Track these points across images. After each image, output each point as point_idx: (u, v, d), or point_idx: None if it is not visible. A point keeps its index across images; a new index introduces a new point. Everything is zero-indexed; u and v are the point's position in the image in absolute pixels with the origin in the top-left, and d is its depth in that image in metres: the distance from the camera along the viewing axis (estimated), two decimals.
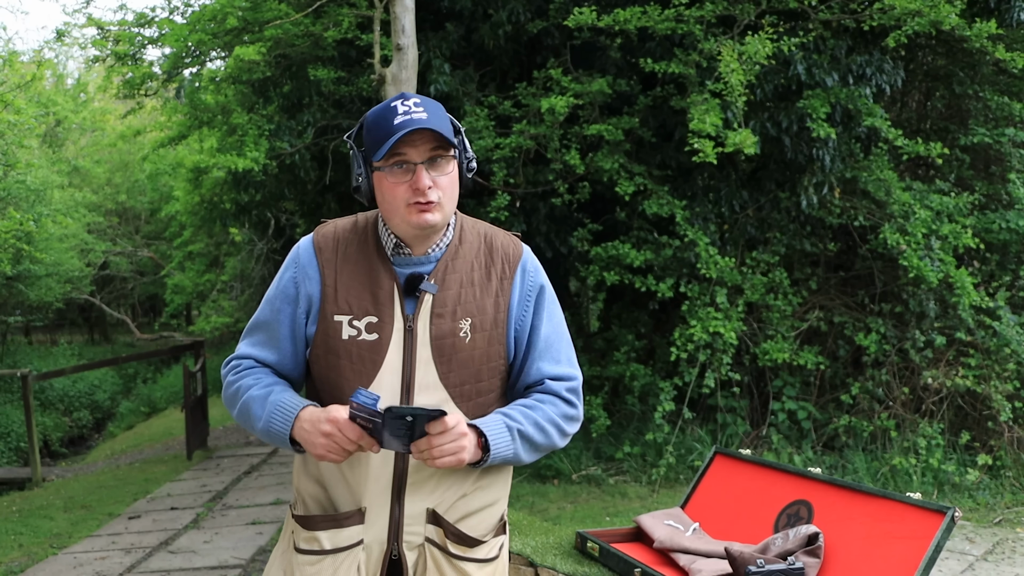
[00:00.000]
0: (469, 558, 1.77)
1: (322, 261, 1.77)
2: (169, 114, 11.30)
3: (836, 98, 6.53)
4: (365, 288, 1.75)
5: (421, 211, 1.69)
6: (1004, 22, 6.77)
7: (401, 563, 1.76)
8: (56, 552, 6.09)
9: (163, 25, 8.58)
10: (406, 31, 5.69)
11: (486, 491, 1.81)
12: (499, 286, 1.79)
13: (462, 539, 1.77)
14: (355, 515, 1.74)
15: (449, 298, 1.75)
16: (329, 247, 1.79)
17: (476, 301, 1.76)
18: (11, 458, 12.32)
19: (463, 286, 1.76)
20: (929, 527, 2.18)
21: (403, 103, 1.68)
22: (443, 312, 1.74)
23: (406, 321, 1.73)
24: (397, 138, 1.64)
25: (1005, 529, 5.47)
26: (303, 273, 1.78)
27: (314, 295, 1.77)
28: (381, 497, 1.73)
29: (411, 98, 1.69)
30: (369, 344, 1.72)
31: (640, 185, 6.92)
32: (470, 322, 1.75)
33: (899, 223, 6.59)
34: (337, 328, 1.74)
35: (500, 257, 1.81)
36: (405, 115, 1.66)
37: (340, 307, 1.74)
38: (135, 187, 20.58)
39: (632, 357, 7.40)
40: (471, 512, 1.79)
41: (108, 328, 24.23)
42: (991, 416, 6.44)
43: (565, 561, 2.79)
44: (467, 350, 1.74)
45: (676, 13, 6.43)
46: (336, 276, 1.76)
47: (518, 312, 1.80)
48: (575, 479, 7.09)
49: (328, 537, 1.74)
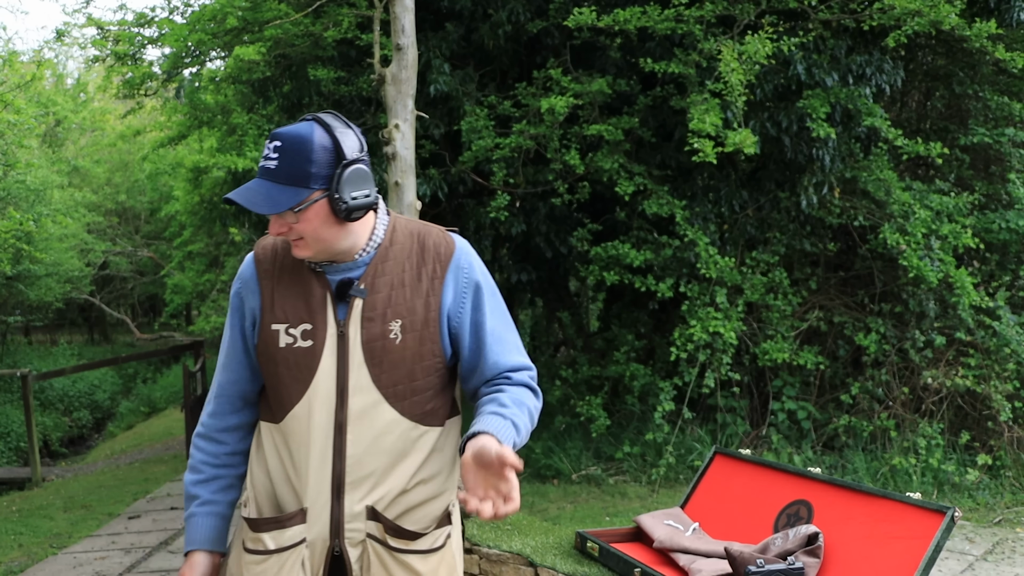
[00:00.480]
0: (410, 550, 1.82)
1: (261, 273, 1.85)
2: (169, 114, 11.31)
3: (836, 98, 6.53)
4: (299, 296, 1.81)
5: (295, 247, 1.78)
6: (1004, 22, 6.77)
7: (343, 559, 1.82)
8: (56, 552, 6.09)
9: (163, 25, 8.58)
10: (406, 31, 5.68)
11: (427, 485, 1.85)
12: (430, 286, 1.83)
13: (401, 533, 1.81)
14: (298, 515, 1.80)
15: (379, 301, 1.80)
16: (268, 259, 1.86)
17: (407, 302, 1.81)
18: (11, 458, 12.32)
19: (394, 288, 1.81)
20: (929, 527, 2.18)
21: (268, 145, 1.73)
22: (373, 315, 1.79)
23: (338, 326, 1.79)
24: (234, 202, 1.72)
25: (1005, 529, 5.47)
26: (246, 287, 1.87)
27: (255, 307, 1.85)
28: (322, 497, 1.79)
29: (275, 140, 1.72)
30: (304, 351, 1.79)
31: (640, 185, 6.92)
32: (400, 323, 1.80)
33: (899, 223, 6.59)
34: (275, 336, 1.81)
35: (431, 256, 1.84)
36: (264, 160, 1.73)
37: (277, 316, 1.81)
38: (135, 187, 20.58)
39: (632, 357, 7.40)
40: (412, 507, 1.83)
41: (108, 328, 24.23)
42: (991, 416, 6.44)
43: (565, 561, 2.79)
44: (398, 351, 1.79)
45: (676, 13, 6.43)
46: (274, 286, 1.83)
47: (453, 310, 1.84)
48: (575, 479, 7.09)
49: (272, 537, 1.81)
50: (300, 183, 1.70)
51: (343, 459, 1.78)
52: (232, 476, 1.93)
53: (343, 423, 1.78)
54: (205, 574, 1.87)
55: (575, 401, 7.37)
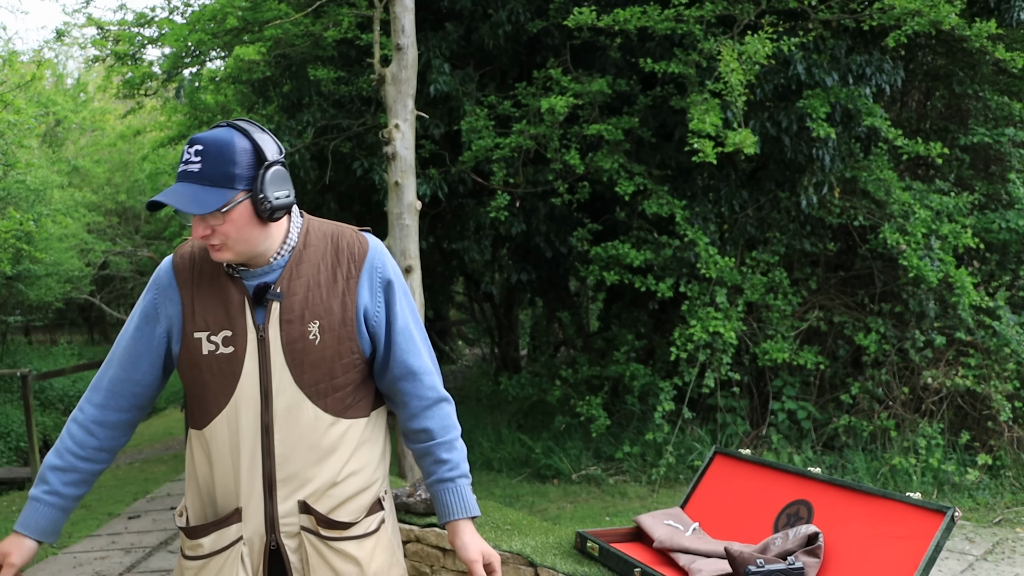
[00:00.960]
0: (344, 537, 1.88)
1: (180, 282, 1.87)
2: (169, 114, 11.31)
3: (836, 98, 6.53)
4: (219, 303, 1.84)
5: (214, 251, 1.80)
6: (1004, 22, 6.77)
7: (280, 552, 1.86)
8: (56, 552, 6.09)
9: (163, 25, 8.58)
10: (406, 31, 5.68)
11: (357, 476, 1.91)
12: (345, 285, 1.87)
13: (332, 525, 1.87)
14: (233, 515, 1.85)
15: (296, 303, 1.84)
16: (186, 267, 1.88)
17: (323, 303, 1.85)
18: (11, 458, 12.32)
19: (310, 289, 1.85)
20: (929, 527, 2.18)
21: (187, 149, 1.75)
22: (292, 318, 1.84)
23: (258, 331, 1.83)
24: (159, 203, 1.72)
25: (1005, 529, 5.47)
26: (164, 295, 1.89)
27: (174, 315, 1.87)
28: (255, 495, 1.84)
29: (196, 144, 1.75)
30: (227, 357, 1.83)
31: (640, 185, 6.92)
32: (319, 324, 1.84)
33: (899, 223, 6.58)
34: (197, 345, 1.84)
35: (346, 256, 1.89)
36: (183, 164, 1.75)
37: (198, 324, 1.84)
38: (135, 187, 20.55)
39: (632, 357, 7.39)
40: (344, 499, 1.89)
41: (108, 328, 24.22)
42: (991, 416, 6.44)
43: (565, 561, 2.79)
44: (318, 351, 1.84)
45: (676, 13, 6.43)
46: (193, 295, 1.86)
47: (370, 308, 1.90)
48: (575, 479, 7.09)
49: (210, 541, 1.85)
50: (225, 184, 1.74)
51: (272, 458, 1.83)
52: (89, 472, 1.94)
53: (269, 424, 1.82)
54: (27, 559, 1.89)
55: (575, 401, 7.37)
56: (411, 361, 1.94)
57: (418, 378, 1.95)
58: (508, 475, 7.45)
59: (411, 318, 1.97)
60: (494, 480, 7.34)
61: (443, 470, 1.95)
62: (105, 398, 1.92)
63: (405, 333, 1.94)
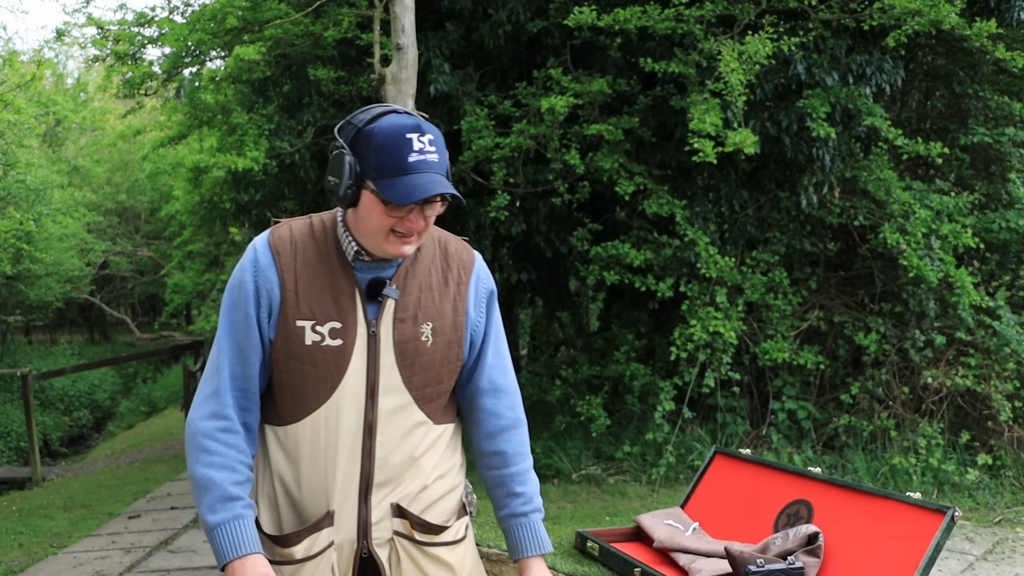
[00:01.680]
0: (438, 543, 1.84)
1: (280, 265, 1.76)
2: (169, 114, 11.29)
3: (836, 98, 6.53)
4: (327, 293, 1.75)
5: (402, 243, 1.71)
6: (1004, 21, 6.77)
7: (372, 560, 1.80)
8: (56, 551, 6.09)
9: (163, 25, 8.58)
10: (406, 31, 5.68)
11: (445, 479, 1.88)
12: (456, 291, 1.84)
13: (427, 527, 1.83)
14: (325, 519, 1.77)
15: (410, 303, 1.78)
16: (287, 251, 1.77)
17: (436, 305, 1.81)
18: (11, 457, 12.32)
19: (423, 291, 1.80)
20: (929, 527, 2.18)
21: (418, 138, 1.66)
22: (405, 317, 1.77)
23: (369, 326, 1.75)
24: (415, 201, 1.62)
25: (1005, 529, 5.47)
26: (263, 275, 1.76)
27: (275, 298, 1.75)
28: (349, 499, 1.77)
29: (426, 133, 1.67)
30: (333, 350, 1.74)
31: (640, 185, 6.92)
32: (431, 326, 1.79)
33: (899, 223, 6.58)
34: (300, 333, 1.74)
35: (455, 263, 1.86)
36: (419, 155, 1.65)
37: (302, 312, 1.74)
38: (135, 186, 20.57)
39: (632, 357, 7.40)
40: (433, 501, 1.85)
41: (108, 328, 24.23)
42: (991, 416, 6.44)
43: (565, 560, 2.79)
44: (429, 353, 1.79)
45: (676, 13, 6.43)
46: (296, 280, 1.75)
47: (474, 316, 1.86)
48: (575, 479, 7.09)
49: (302, 548, 1.76)
50: (451, 187, 1.68)
51: (372, 460, 1.76)
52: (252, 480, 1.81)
53: (373, 424, 1.76)
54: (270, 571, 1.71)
55: (575, 401, 7.37)
56: (497, 377, 1.90)
57: (500, 396, 1.91)
58: None
59: (501, 332, 1.93)
60: None
61: (517, 504, 1.90)
62: (238, 399, 1.77)
63: (497, 348, 1.91)
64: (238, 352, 1.77)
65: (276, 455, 1.80)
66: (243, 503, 1.72)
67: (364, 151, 1.67)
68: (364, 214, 1.71)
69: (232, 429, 1.75)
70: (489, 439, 1.91)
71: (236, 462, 1.74)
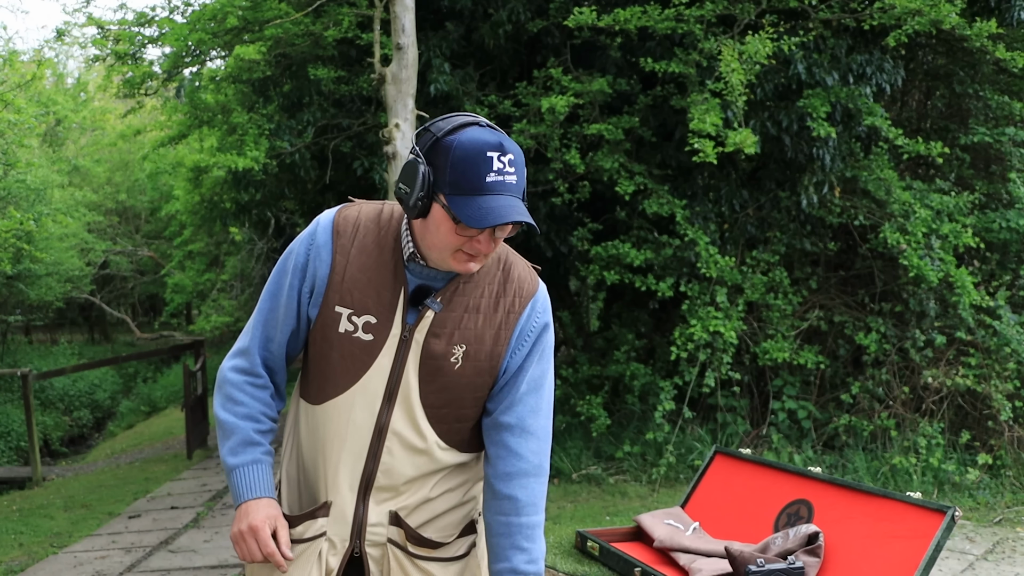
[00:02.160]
0: (432, 557, 1.79)
1: (337, 245, 1.72)
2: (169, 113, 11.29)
3: (836, 97, 6.53)
4: (371, 285, 1.71)
5: (468, 260, 1.65)
6: (1004, 21, 6.77)
7: (362, 560, 1.78)
8: (56, 551, 6.09)
9: (163, 24, 8.58)
10: (406, 30, 5.68)
11: (453, 494, 1.82)
12: (504, 319, 1.75)
13: (422, 541, 1.78)
14: (321, 508, 1.77)
15: (450, 320, 1.72)
16: (348, 232, 1.74)
17: (476, 329, 1.73)
18: (11, 457, 12.32)
19: (468, 311, 1.73)
20: (929, 526, 2.18)
21: (499, 157, 1.59)
22: (440, 333, 1.71)
23: (404, 330, 1.71)
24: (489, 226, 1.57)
25: (1005, 528, 5.47)
26: (317, 251, 1.73)
27: (321, 276, 1.73)
28: (347, 494, 1.75)
29: (507, 152, 1.59)
30: (363, 343, 1.71)
31: (640, 184, 6.92)
32: (464, 349, 1.72)
33: (899, 222, 6.58)
34: (336, 319, 1.72)
35: (514, 288, 1.76)
36: (498, 176, 1.58)
37: (343, 298, 1.71)
38: (135, 186, 20.57)
39: (632, 356, 7.39)
40: (436, 515, 1.80)
41: (108, 327, 24.23)
42: (991, 415, 6.44)
43: (565, 560, 2.79)
44: (454, 376, 1.73)
45: (676, 12, 6.43)
46: (346, 264, 1.72)
47: (514, 346, 1.76)
48: (575, 478, 7.09)
49: (296, 532, 1.77)
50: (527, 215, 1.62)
51: (377, 462, 1.73)
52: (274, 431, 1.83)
53: (385, 427, 1.72)
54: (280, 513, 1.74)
55: (575, 400, 7.37)
56: (529, 420, 1.77)
57: (528, 439, 1.76)
58: None
59: (548, 377, 1.81)
60: None
61: (521, 560, 1.74)
62: (267, 358, 1.79)
63: (538, 387, 1.78)
64: (273, 317, 1.78)
65: (303, 431, 1.82)
66: (263, 449, 1.76)
67: (441, 163, 1.60)
68: (432, 228, 1.64)
69: (260, 384, 1.78)
70: (504, 480, 1.76)
71: (260, 413, 1.78)
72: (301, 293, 1.75)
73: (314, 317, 1.75)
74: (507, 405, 1.77)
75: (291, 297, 1.75)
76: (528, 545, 1.75)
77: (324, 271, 1.72)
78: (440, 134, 1.62)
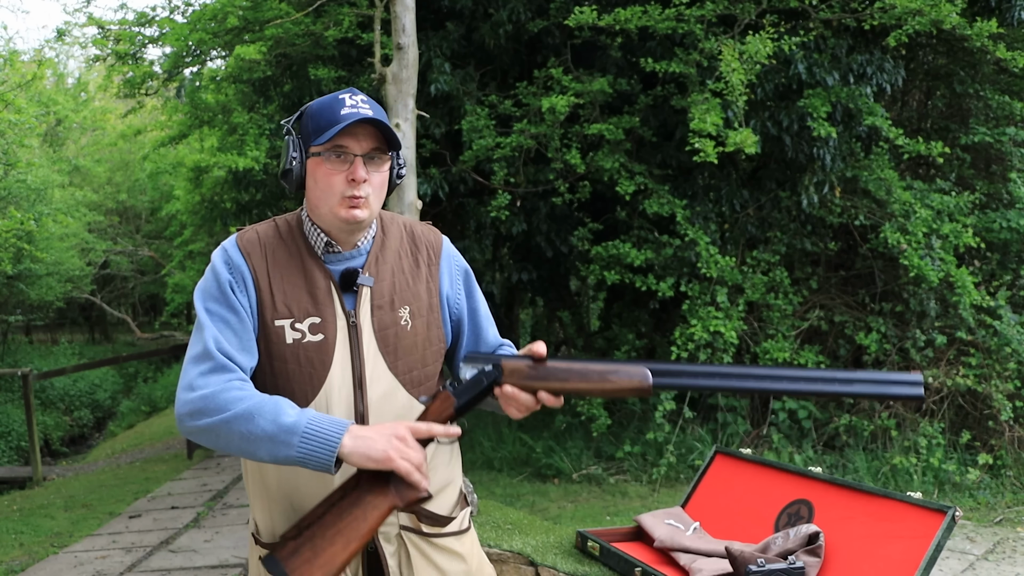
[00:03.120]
0: (445, 533, 1.82)
1: (253, 264, 1.74)
2: (170, 113, 11.30)
3: (837, 97, 6.53)
4: (302, 289, 1.74)
5: (351, 206, 1.71)
6: (1005, 21, 6.77)
7: (379, 556, 1.77)
8: (57, 551, 6.10)
9: (164, 24, 8.58)
10: (406, 30, 5.68)
11: (444, 469, 1.86)
12: (428, 272, 1.85)
13: (433, 519, 1.80)
14: None
15: (385, 289, 1.79)
16: (257, 252, 1.75)
17: (411, 288, 1.82)
18: (12, 457, 12.32)
19: (395, 275, 1.81)
20: (930, 526, 2.18)
21: (351, 97, 1.72)
22: (382, 303, 1.77)
23: (348, 317, 1.75)
24: (344, 125, 1.66)
25: (1006, 528, 5.47)
26: (238, 272, 1.73)
27: (251, 297, 1.72)
28: None
29: (358, 94, 1.74)
30: (315, 345, 1.72)
31: (640, 184, 6.92)
32: (408, 309, 1.80)
33: (900, 222, 6.58)
34: (280, 333, 1.71)
35: (424, 245, 1.88)
36: (352, 108, 1.70)
37: (279, 311, 1.72)
38: (136, 186, 20.56)
39: (633, 356, 7.40)
40: (436, 491, 1.82)
41: (109, 327, 24.23)
42: (992, 415, 6.44)
43: (566, 560, 2.79)
44: (410, 337, 1.79)
45: (677, 12, 6.43)
46: (269, 280, 1.74)
47: (451, 297, 1.88)
48: (575, 478, 7.09)
49: None
50: (392, 134, 1.74)
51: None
52: None
53: (364, 415, 1.72)
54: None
55: (575, 400, 7.37)
56: (491, 339, 1.95)
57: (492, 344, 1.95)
58: (509, 474, 7.45)
59: (483, 300, 1.97)
60: (495, 479, 7.34)
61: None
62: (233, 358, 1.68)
63: (487, 316, 1.95)
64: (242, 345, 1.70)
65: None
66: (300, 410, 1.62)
67: (303, 124, 1.75)
68: (312, 184, 1.74)
69: (243, 378, 1.67)
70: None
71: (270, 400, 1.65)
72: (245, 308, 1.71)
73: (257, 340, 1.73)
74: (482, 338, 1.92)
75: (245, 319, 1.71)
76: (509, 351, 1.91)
77: (252, 291, 1.73)
78: (301, 110, 1.78)
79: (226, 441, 1.61)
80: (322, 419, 1.59)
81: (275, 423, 1.57)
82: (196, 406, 1.62)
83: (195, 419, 1.62)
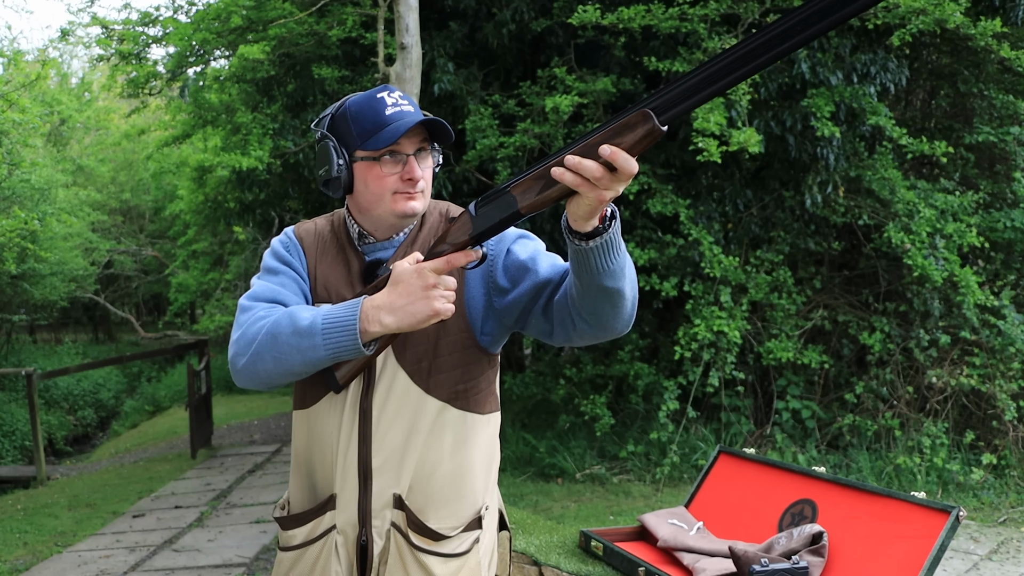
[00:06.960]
0: (432, 551, 1.74)
1: (305, 247, 1.84)
2: (173, 113, 11.32)
3: (840, 97, 6.52)
4: (343, 278, 1.80)
5: (408, 199, 1.72)
6: (1009, 20, 6.76)
7: (368, 549, 1.77)
8: (60, 550, 6.11)
9: (167, 24, 8.59)
10: (410, 30, 5.68)
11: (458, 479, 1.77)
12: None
13: (423, 530, 1.74)
14: (328, 502, 1.78)
15: None
16: (310, 239, 1.85)
17: None
18: (16, 456, 12.35)
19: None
20: (933, 526, 2.18)
21: (388, 95, 1.73)
22: None
23: None
24: (404, 131, 1.66)
25: (1010, 528, 5.46)
26: (296, 251, 1.84)
27: (304, 279, 1.82)
28: (350, 483, 1.76)
29: (394, 92, 1.75)
30: None
31: (644, 184, 6.91)
32: None
33: (903, 222, 6.58)
34: None
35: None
36: (395, 107, 1.71)
37: (319, 295, 1.80)
38: (139, 186, 20.59)
39: (636, 356, 7.39)
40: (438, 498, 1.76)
41: (112, 327, 24.26)
42: (996, 415, 6.43)
43: (569, 560, 2.79)
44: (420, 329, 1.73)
45: (680, 11, 6.43)
46: (316, 265, 1.82)
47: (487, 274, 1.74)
48: (579, 478, 7.09)
49: (306, 531, 1.79)
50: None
51: (368, 444, 1.74)
52: None
53: (368, 408, 1.73)
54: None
55: (579, 400, 7.37)
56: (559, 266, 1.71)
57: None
58: (512, 474, 7.45)
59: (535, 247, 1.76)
60: (498, 479, 7.34)
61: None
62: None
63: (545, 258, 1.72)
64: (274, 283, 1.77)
65: (299, 439, 1.84)
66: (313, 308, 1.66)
67: (343, 128, 1.73)
68: (363, 187, 1.74)
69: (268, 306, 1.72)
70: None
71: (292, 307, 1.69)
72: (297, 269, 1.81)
73: None
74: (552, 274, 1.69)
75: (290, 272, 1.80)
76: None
77: (304, 273, 1.82)
78: (334, 111, 1.76)
79: (267, 372, 1.66)
80: (335, 309, 1.62)
81: (295, 332, 1.61)
82: (233, 351, 1.69)
83: (236, 363, 1.68)
